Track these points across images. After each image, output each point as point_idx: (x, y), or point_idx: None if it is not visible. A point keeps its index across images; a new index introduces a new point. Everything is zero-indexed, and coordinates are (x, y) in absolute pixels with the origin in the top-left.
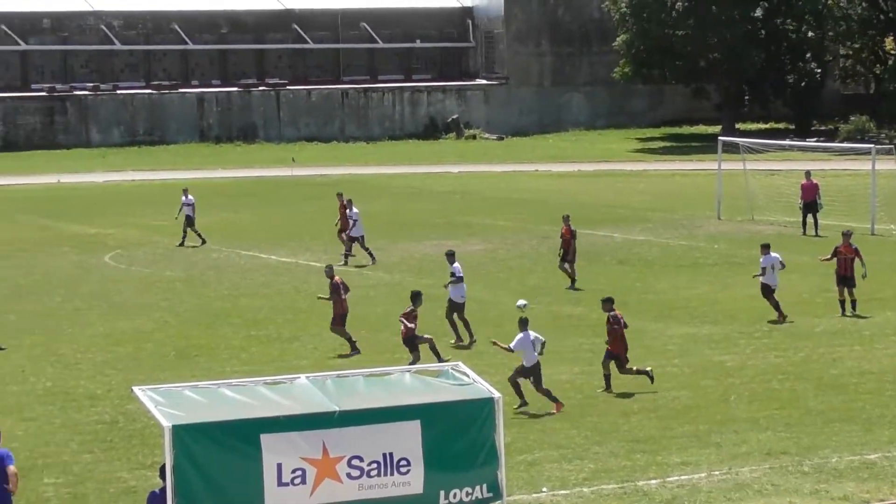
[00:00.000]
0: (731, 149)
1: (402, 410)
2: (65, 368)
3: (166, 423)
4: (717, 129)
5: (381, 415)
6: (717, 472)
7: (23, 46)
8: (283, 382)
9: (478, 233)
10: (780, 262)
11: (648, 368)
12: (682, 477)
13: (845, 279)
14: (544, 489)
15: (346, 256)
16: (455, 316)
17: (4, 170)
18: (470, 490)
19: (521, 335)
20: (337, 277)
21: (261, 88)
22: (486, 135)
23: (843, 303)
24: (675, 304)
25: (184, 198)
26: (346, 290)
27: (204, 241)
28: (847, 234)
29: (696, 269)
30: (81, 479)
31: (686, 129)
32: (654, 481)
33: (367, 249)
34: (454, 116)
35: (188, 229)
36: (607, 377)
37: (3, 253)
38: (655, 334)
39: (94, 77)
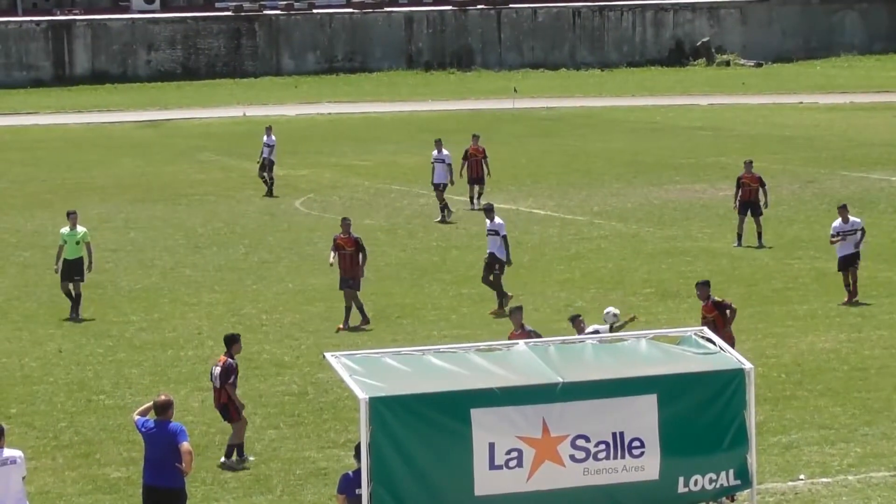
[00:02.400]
0: None
1: (636, 383)
2: (247, 331)
3: (362, 395)
4: None
5: (612, 388)
6: None
7: None
8: (498, 349)
9: (731, 175)
10: None
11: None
12: None
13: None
14: (801, 477)
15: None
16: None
17: (183, 101)
18: (714, 476)
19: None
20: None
21: (479, 7)
22: (742, 61)
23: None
24: None
25: (266, 137)
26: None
27: (271, 193)
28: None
29: None
30: (264, 459)
31: None
32: None
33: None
34: (704, 39)
35: (265, 174)
36: None
37: (181, 198)
38: None
39: None
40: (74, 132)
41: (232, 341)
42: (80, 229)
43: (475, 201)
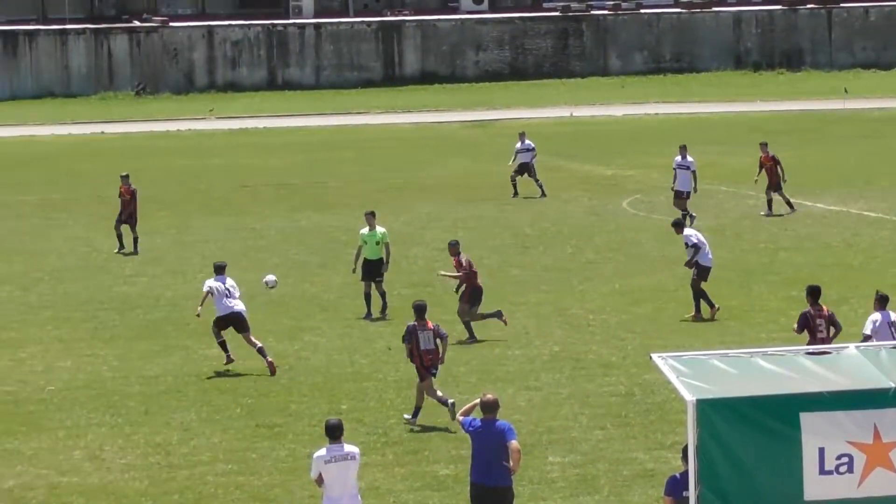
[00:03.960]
0: None
1: None
2: (574, 331)
3: (690, 397)
4: None
5: None
6: None
7: None
8: (828, 353)
9: None
10: None
11: None
12: None
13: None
14: None
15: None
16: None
17: (511, 101)
18: None
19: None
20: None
21: (808, 6)
22: None
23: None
24: None
25: (519, 143)
26: None
27: (543, 194)
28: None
29: None
30: (591, 459)
31: None
32: None
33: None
34: None
35: (533, 178)
36: None
37: (509, 198)
38: None
39: None
40: (404, 132)
41: (423, 310)
42: (380, 230)
43: (772, 207)
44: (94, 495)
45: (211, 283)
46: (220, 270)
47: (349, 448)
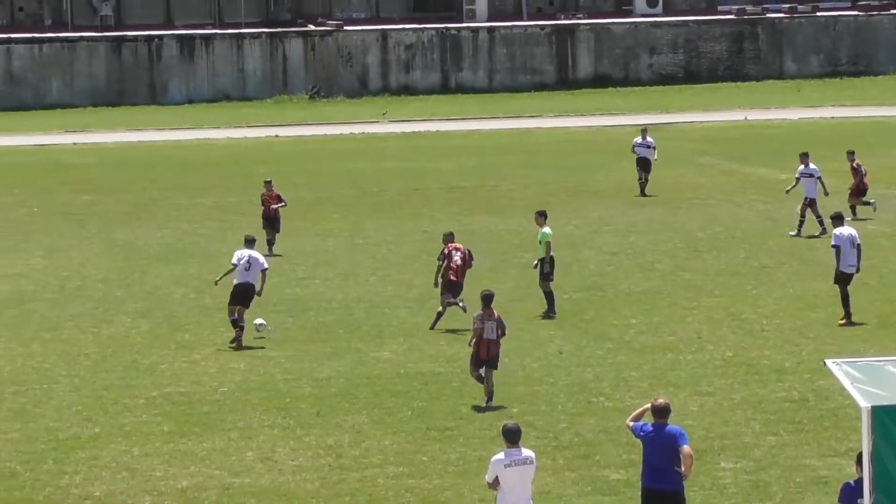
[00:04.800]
0: None
1: None
2: (747, 336)
3: (864, 404)
4: None
5: None
6: None
7: None
8: None
9: None
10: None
11: None
12: None
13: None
14: None
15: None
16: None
17: (685, 105)
18: None
19: None
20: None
21: None
22: None
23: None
24: None
25: (640, 138)
26: None
27: (643, 193)
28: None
29: None
30: (763, 465)
31: None
32: None
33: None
34: None
35: (643, 174)
36: None
37: (681, 201)
38: None
39: None
40: (576, 135)
41: (490, 299)
42: (546, 230)
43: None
44: (266, 496)
45: (239, 254)
46: (249, 244)
47: (526, 452)
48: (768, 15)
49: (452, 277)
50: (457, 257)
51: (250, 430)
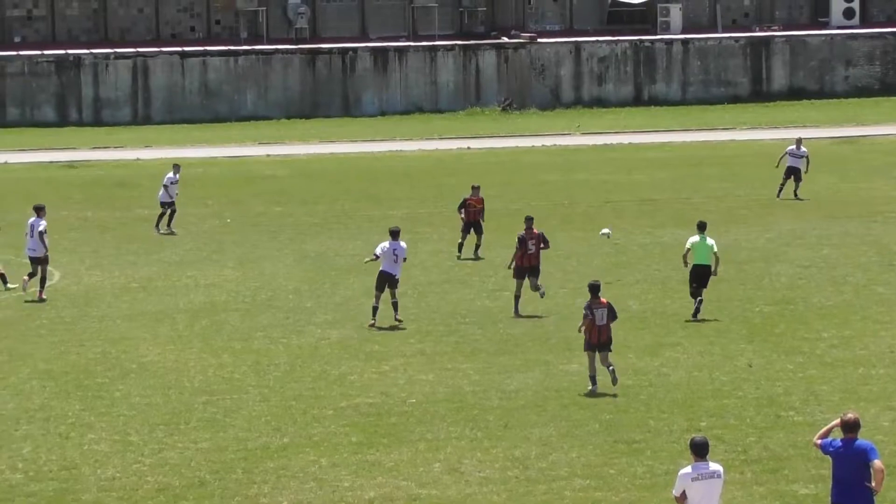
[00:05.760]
0: None
1: None
2: None
3: None
4: None
5: None
6: None
7: None
8: None
9: None
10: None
11: None
12: None
13: None
14: None
15: None
16: None
17: (881, 117)
18: None
19: None
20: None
21: None
22: None
23: None
24: None
25: (794, 147)
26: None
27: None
28: None
29: None
30: None
31: None
32: None
33: None
34: None
35: (797, 182)
36: None
37: (876, 215)
38: None
39: None
40: (770, 147)
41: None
42: (709, 241)
43: None
44: None
45: (382, 246)
46: (394, 235)
47: (714, 466)
48: None
49: (527, 262)
50: (531, 245)
51: (438, 442)
